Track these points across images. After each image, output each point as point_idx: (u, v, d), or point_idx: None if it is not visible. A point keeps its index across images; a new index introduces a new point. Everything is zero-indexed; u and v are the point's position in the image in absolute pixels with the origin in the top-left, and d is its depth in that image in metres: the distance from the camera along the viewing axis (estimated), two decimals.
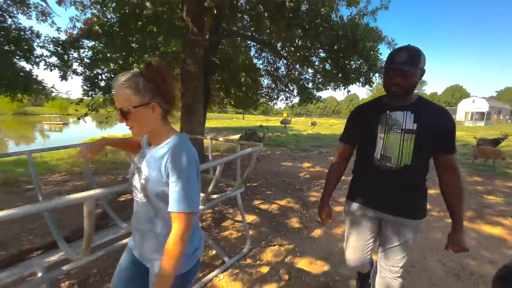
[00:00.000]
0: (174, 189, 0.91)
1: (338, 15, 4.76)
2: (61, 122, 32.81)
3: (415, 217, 1.33)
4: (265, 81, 9.42)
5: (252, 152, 2.34)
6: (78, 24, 5.11)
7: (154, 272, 1.03)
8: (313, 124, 21.16)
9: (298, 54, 5.55)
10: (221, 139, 3.62)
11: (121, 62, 4.42)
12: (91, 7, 4.92)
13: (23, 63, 4.13)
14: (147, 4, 4.14)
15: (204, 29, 5.20)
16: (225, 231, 3.06)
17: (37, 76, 4.20)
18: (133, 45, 4.27)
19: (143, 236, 1.05)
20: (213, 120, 31.22)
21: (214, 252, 2.58)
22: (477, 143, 8.20)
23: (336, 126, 26.65)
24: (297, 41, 5.03)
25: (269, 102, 9.70)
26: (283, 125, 21.95)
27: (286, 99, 9.32)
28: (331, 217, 1.51)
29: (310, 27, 4.15)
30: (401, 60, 1.17)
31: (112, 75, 4.74)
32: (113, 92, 0.93)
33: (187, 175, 0.91)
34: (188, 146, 0.97)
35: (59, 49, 4.21)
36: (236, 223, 3.26)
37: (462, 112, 40.11)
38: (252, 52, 8.88)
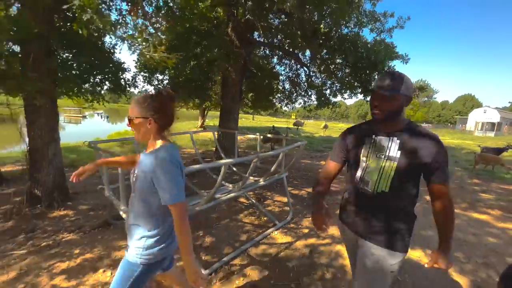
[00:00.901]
0: (165, 186, 1.12)
1: (363, 40, 5.57)
2: (81, 115, 34.10)
3: (391, 247, 1.22)
4: (286, 86, 10.29)
5: (300, 145, 3.23)
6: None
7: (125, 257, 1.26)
8: (325, 127, 21.92)
9: (323, 67, 6.41)
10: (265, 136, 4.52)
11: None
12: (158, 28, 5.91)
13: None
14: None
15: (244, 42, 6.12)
16: (268, 207, 3.95)
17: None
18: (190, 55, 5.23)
19: (130, 228, 1.28)
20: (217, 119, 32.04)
21: (265, 218, 3.48)
22: (480, 151, 8.88)
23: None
24: (324, 56, 5.90)
25: (288, 105, 10.56)
26: (295, 127, 22.68)
27: (304, 103, 10.17)
28: (327, 224, 1.34)
29: (340, 49, 4.99)
30: (382, 84, 1.17)
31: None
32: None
33: (171, 173, 1.13)
34: (171, 153, 1.18)
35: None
36: (275, 202, 4.16)
37: (472, 121, 40.12)
38: (275, 60, 9.78)
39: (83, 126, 24.90)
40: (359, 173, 1.29)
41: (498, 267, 2.60)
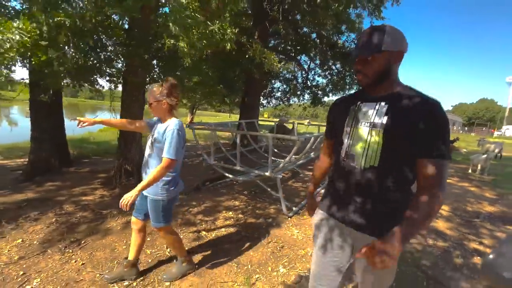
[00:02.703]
0: (165, 145, 1.61)
1: None
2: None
3: (383, 235, 0.91)
4: (281, 86, 11.57)
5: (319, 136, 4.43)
6: None
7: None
8: (309, 124, 23.87)
9: (323, 71, 7.82)
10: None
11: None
12: None
13: None
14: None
15: None
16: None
17: None
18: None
19: (146, 175, 1.71)
20: (203, 117, 32.46)
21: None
22: None
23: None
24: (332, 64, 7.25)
25: (285, 103, 11.87)
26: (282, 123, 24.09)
27: (299, 101, 11.54)
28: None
29: (344, 57, 6.35)
30: (360, 43, 0.98)
31: None
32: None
33: (173, 138, 1.61)
34: (178, 125, 1.65)
35: None
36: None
37: None
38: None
39: None
40: (343, 147, 1.07)
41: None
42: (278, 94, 11.66)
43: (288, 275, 2.17)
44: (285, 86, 11.37)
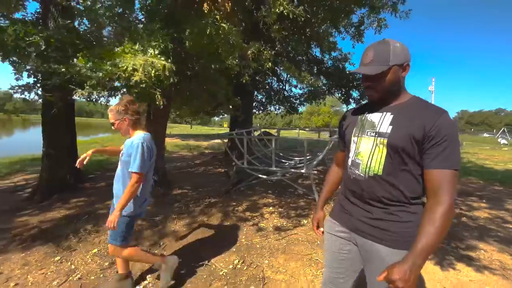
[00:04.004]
0: (131, 160, 1.65)
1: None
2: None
3: (394, 246, 0.97)
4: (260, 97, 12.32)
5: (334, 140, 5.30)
6: None
7: (113, 209, 1.70)
8: (278, 131, 24.95)
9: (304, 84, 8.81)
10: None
11: None
12: None
13: None
14: None
15: None
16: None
17: None
18: None
19: (115, 190, 1.77)
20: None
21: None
22: None
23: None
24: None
25: (259, 112, 12.59)
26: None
27: (275, 110, 12.39)
28: (322, 224, 1.31)
29: (334, 73, 7.32)
30: (365, 61, 1.00)
31: None
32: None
33: (138, 152, 1.64)
34: (142, 139, 1.68)
35: None
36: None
37: None
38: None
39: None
40: (350, 156, 1.10)
41: None
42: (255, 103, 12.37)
43: None
44: (263, 96, 12.14)
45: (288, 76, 10.20)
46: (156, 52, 1.99)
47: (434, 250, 0.84)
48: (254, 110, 12.31)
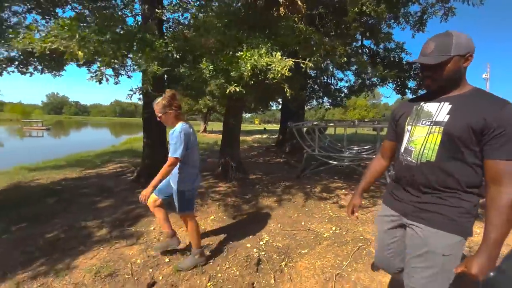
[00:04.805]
0: (171, 146, 1.87)
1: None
2: (44, 127, 31.14)
3: (439, 227, 1.00)
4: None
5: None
6: None
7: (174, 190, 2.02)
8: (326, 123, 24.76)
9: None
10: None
11: None
12: None
13: None
14: None
15: None
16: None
17: None
18: None
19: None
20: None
21: None
22: None
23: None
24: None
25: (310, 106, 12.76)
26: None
27: (318, 104, 12.49)
28: (357, 210, 1.41)
29: (390, 64, 7.33)
30: (427, 51, 1.02)
31: None
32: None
33: (177, 140, 1.86)
34: (181, 128, 1.89)
35: None
36: None
37: None
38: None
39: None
40: (403, 143, 1.12)
41: None
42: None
43: None
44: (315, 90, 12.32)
45: (334, 69, 10.32)
46: (279, 54, 2.46)
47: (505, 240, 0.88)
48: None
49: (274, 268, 2.19)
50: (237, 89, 2.44)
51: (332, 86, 11.15)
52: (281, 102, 10.53)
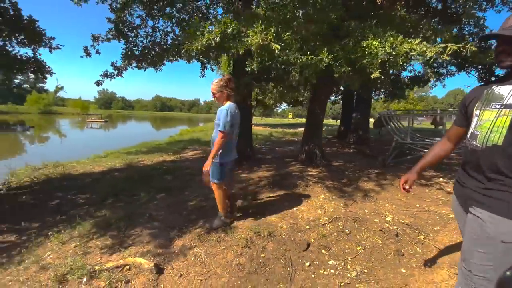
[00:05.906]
0: (220, 122, 2.15)
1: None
2: (103, 120, 34.52)
3: (500, 213, 0.98)
4: None
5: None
6: None
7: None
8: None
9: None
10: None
11: None
12: None
13: None
14: None
15: None
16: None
17: None
18: None
19: (212, 142, 2.31)
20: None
21: None
22: None
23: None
24: None
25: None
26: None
27: (386, 95, 11.99)
28: (410, 185, 1.36)
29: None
30: (506, 25, 0.98)
31: None
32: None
33: (224, 116, 2.15)
34: (228, 107, 2.19)
35: None
36: None
37: None
38: None
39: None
40: (470, 128, 1.11)
41: None
42: None
43: None
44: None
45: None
46: (418, 39, 2.57)
47: None
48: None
49: (413, 240, 2.37)
50: (378, 75, 2.61)
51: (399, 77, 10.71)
52: (340, 94, 10.43)
